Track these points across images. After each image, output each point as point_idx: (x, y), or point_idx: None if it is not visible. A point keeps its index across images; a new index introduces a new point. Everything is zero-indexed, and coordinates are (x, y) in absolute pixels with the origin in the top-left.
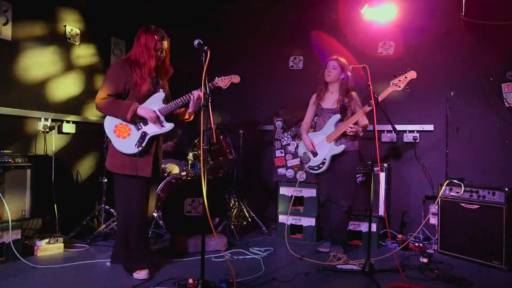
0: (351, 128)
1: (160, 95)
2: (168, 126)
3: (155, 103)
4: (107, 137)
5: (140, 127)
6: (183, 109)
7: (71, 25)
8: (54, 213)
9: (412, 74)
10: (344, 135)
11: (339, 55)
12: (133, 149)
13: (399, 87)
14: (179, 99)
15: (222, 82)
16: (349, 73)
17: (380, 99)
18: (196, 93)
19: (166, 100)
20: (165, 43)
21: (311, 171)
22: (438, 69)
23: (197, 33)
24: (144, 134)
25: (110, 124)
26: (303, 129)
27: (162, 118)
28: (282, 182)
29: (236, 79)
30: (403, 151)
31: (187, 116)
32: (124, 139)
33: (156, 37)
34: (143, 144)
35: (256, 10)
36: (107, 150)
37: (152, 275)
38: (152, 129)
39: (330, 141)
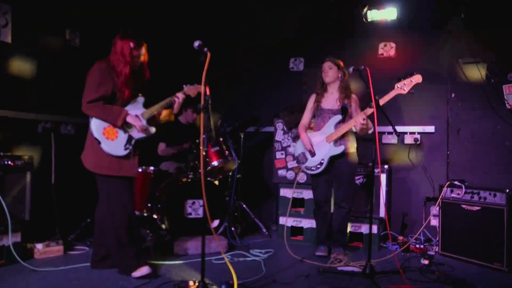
0: (363, 119)
1: (140, 99)
2: (151, 130)
3: (136, 108)
4: (96, 138)
5: (126, 131)
6: (166, 111)
7: (71, 27)
8: (54, 216)
9: (417, 78)
10: (343, 136)
11: (334, 57)
12: (122, 151)
13: (404, 90)
14: (163, 102)
15: (191, 90)
16: (345, 71)
17: (383, 102)
18: (181, 95)
19: (145, 104)
20: (142, 49)
21: (308, 171)
22: (439, 70)
23: (196, 35)
24: (130, 137)
25: (99, 125)
26: (301, 128)
27: (144, 122)
28: (283, 184)
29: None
30: (404, 153)
31: (171, 117)
32: (112, 141)
33: (131, 44)
34: (131, 147)
35: (256, 11)
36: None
37: (153, 271)
38: (137, 134)
39: (329, 142)
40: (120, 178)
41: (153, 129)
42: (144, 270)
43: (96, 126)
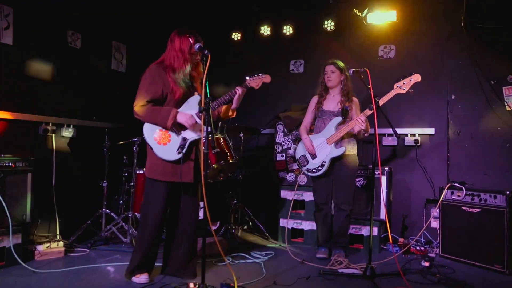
0: (362, 120)
1: (196, 98)
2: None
3: (191, 107)
4: (148, 144)
5: (179, 133)
6: (224, 107)
7: (72, 29)
8: (55, 217)
9: (416, 77)
10: (344, 137)
11: (336, 59)
12: (175, 156)
13: (403, 89)
14: (220, 99)
15: (254, 82)
16: (347, 74)
17: (383, 102)
18: (240, 89)
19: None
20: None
21: (309, 173)
22: (439, 72)
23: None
24: (184, 140)
25: (150, 131)
26: (302, 130)
27: (200, 122)
28: (283, 186)
29: (267, 79)
30: (404, 155)
31: (230, 113)
32: (165, 145)
33: (191, 40)
34: (184, 150)
35: (256, 13)
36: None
37: (152, 279)
38: (191, 134)
39: (330, 143)
40: (171, 184)
41: (208, 128)
42: (143, 278)
43: (148, 132)
